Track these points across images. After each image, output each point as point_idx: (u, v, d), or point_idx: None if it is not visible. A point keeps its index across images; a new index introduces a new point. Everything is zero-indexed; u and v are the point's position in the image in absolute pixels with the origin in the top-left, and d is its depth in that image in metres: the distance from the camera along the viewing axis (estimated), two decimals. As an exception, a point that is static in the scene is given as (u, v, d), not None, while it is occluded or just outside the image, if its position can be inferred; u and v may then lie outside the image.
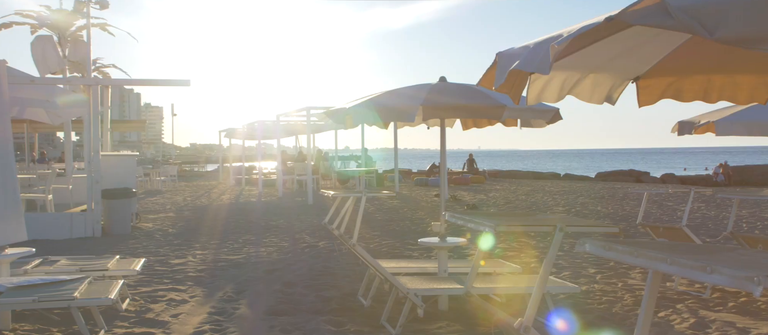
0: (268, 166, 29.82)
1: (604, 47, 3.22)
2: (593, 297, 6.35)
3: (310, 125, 18.25)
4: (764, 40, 1.96)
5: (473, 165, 30.25)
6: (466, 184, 25.49)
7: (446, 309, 5.75)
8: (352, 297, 6.25)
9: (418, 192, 21.46)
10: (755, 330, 5.27)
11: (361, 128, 21.42)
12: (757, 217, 13.45)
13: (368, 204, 15.69)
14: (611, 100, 3.65)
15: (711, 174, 33.84)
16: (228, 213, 14.71)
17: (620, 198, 18.78)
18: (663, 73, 3.59)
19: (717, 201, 16.45)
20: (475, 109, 5.78)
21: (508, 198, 18.99)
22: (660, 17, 2.07)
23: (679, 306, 5.98)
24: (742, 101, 3.65)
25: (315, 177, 21.50)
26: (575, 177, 36.42)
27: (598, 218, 13.63)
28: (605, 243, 1.90)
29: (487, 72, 3.14)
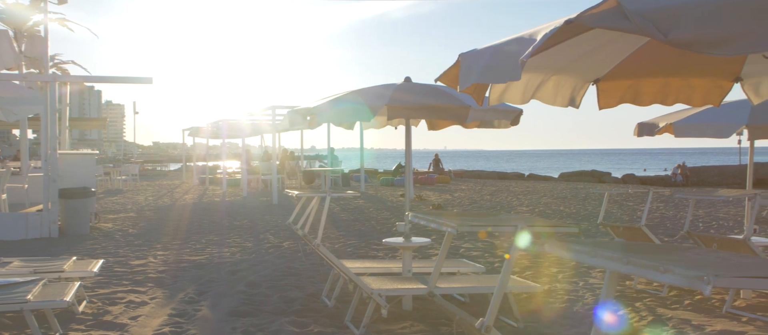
0: (233, 166, 29.50)
1: (565, 50, 3.26)
2: (555, 296, 6.44)
3: (275, 124, 18.11)
4: (715, 44, 2.01)
5: (439, 165, 30.41)
6: (431, 184, 25.61)
7: (410, 309, 5.76)
8: (316, 297, 6.22)
9: (384, 192, 21.48)
10: (709, 326, 5.41)
11: (327, 128, 21.34)
12: (713, 216, 13.82)
13: (333, 204, 15.63)
14: (574, 104, 3.70)
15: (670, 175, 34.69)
16: (191, 213, 14.50)
17: (582, 198, 19.10)
18: (622, 75, 3.66)
19: (675, 201, 16.85)
20: (439, 109, 5.81)
21: (473, 198, 19.14)
22: (617, 20, 2.11)
23: (638, 305, 6.10)
24: (697, 103, 3.74)
25: (280, 176, 21.34)
26: (539, 178, 36.94)
27: (561, 218, 13.83)
28: (564, 244, 1.92)
29: (448, 70, 3.15)
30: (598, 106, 3.77)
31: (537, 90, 3.53)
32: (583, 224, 12.54)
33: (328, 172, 19.21)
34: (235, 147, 31.89)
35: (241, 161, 21.66)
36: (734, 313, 5.73)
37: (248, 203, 16.94)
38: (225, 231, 11.30)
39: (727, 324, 5.46)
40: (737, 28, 2.05)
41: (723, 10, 2.11)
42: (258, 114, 19.25)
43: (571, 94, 3.67)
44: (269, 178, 19.95)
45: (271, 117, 17.99)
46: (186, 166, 31.78)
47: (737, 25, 2.06)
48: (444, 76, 3.22)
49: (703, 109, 6.65)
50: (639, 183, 32.47)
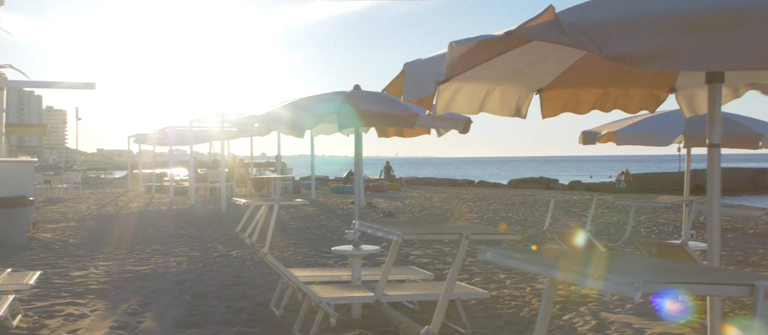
0: (181, 173, 28.91)
1: (509, 60, 3.33)
2: (502, 302, 6.53)
3: (224, 131, 17.85)
4: (647, 58, 2.08)
5: (390, 172, 30.51)
6: (382, 191, 25.66)
7: (360, 318, 5.75)
8: (264, 307, 6.14)
9: (334, 199, 21.41)
10: (650, 329, 5.58)
11: (278, 135, 21.15)
12: (654, 222, 14.28)
13: (283, 212, 15.49)
14: (520, 114, 3.78)
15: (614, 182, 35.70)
16: (136, 222, 14.13)
17: (530, 204, 19.45)
18: (564, 85, 3.76)
19: (618, 207, 17.34)
20: (389, 116, 5.83)
21: (423, 205, 19.27)
22: (554, 33, 2.16)
23: (582, 309, 6.25)
24: (633, 110, 3.90)
25: (229, 184, 21.02)
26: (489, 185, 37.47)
27: (509, 224, 14.05)
28: (505, 252, 1.95)
29: (394, 80, 3.18)
30: (542, 115, 3.86)
31: (484, 100, 3.59)
32: (531, 230, 12.77)
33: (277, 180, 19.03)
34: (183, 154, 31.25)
35: (189, 169, 21.25)
36: (673, 316, 5.93)
37: (196, 211, 16.63)
38: (171, 240, 11.05)
39: (665, 327, 5.64)
40: (669, 44, 2.13)
41: (656, 25, 2.19)
42: (206, 120, 18.94)
43: (516, 104, 3.75)
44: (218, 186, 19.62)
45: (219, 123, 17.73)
46: (132, 173, 30.99)
47: (669, 41, 2.14)
48: (391, 86, 3.24)
49: (644, 119, 6.89)
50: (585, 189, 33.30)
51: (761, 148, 6.86)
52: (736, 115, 6.75)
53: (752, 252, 10.10)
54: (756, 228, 13.14)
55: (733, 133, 6.58)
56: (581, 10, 2.33)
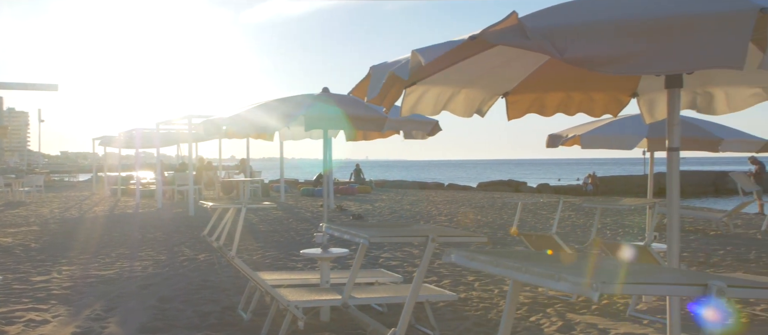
0: (147, 176, 28.46)
1: (475, 63, 3.36)
2: (470, 304, 6.58)
3: (192, 133, 17.64)
4: (607, 63, 2.13)
5: (360, 175, 30.49)
6: (352, 194, 25.63)
7: (328, 321, 5.74)
8: (231, 311, 6.09)
9: (304, 202, 21.32)
10: (614, 330, 5.68)
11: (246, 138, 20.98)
12: (619, 224, 14.53)
13: (252, 215, 15.37)
14: (481, 113, 3.82)
15: (581, 184, 36.23)
16: (101, 226, 13.87)
17: (499, 207, 19.62)
18: (529, 89, 3.82)
19: (585, 209, 17.61)
20: (357, 119, 5.84)
21: (393, 208, 19.30)
22: (518, 38, 2.19)
23: (548, 310, 6.33)
24: (597, 114, 3.97)
25: (197, 187, 20.77)
26: (458, 187, 37.69)
27: (478, 227, 14.16)
28: (469, 254, 1.97)
29: (361, 83, 3.19)
30: (507, 117, 3.91)
31: (448, 102, 3.63)
32: (500, 233, 12.89)
33: (246, 183, 18.87)
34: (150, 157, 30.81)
35: (156, 171, 20.94)
36: (637, 316, 6.04)
37: (163, 215, 16.40)
38: (137, 244, 10.87)
39: (630, 328, 5.75)
40: (628, 49, 2.18)
41: (616, 30, 2.24)
42: (174, 122, 18.70)
43: (479, 106, 3.79)
44: (185, 189, 19.37)
45: (187, 126, 17.52)
46: (97, 176, 30.41)
47: (628, 46, 2.19)
48: (357, 88, 3.25)
49: (608, 122, 7.01)
50: (553, 192, 33.72)
51: (722, 151, 7.03)
52: (697, 119, 6.91)
53: (713, 253, 10.35)
54: (717, 230, 13.46)
55: (695, 136, 6.73)
56: (544, 15, 2.37)
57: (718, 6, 2.16)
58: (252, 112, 6.23)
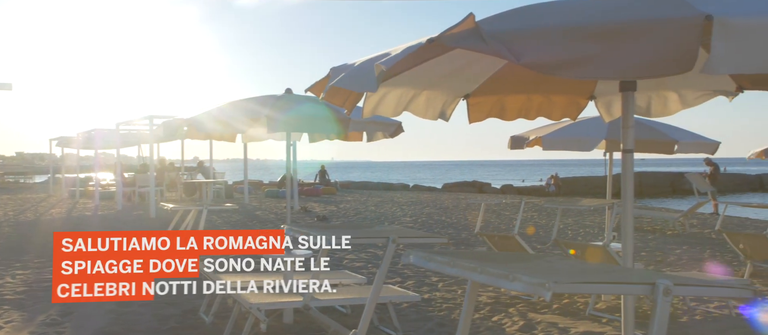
0: (107, 177, 27.87)
1: (436, 65, 3.38)
2: (434, 305, 6.62)
3: (153, 134, 17.34)
4: (560, 67, 2.17)
5: (325, 176, 30.37)
6: (317, 196, 25.52)
7: (291, 323, 5.70)
8: (193, 314, 6.00)
9: (268, 203, 21.15)
10: (574, 328, 5.78)
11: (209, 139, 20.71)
12: (581, 224, 14.78)
13: (215, 216, 15.18)
14: (444, 117, 3.85)
15: (544, 185, 36.75)
16: (58, 229, 13.53)
17: (463, 208, 19.77)
18: (489, 91, 3.86)
19: (547, 210, 17.86)
20: (319, 121, 5.82)
21: (358, 209, 19.29)
22: (474, 41, 2.22)
23: (510, 310, 6.40)
24: (556, 117, 4.04)
25: (159, 188, 20.43)
26: (423, 188, 37.86)
27: (442, 228, 14.25)
28: (427, 255, 1.98)
29: (319, 82, 3.18)
30: (468, 120, 3.95)
31: (409, 103, 3.64)
32: (464, 233, 12.99)
33: (209, 184, 18.63)
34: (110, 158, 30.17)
35: (115, 173, 20.53)
36: (596, 315, 6.16)
37: (123, 217, 16.08)
38: (96, 247, 10.62)
39: (589, 326, 5.86)
40: (582, 54, 2.23)
41: (569, 36, 2.28)
42: (135, 122, 18.36)
43: (441, 109, 3.82)
44: (146, 190, 19.04)
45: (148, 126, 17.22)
46: (54, 177, 29.64)
47: (582, 51, 2.24)
48: (315, 86, 3.25)
49: (569, 125, 7.14)
50: (517, 193, 34.09)
51: (677, 152, 7.23)
52: (653, 121, 7.08)
53: (670, 252, 10.61)
54: (674, 230, 13.81)
55: (651, 138, 6.90)
56: (501, 19, 2.40)
57: (666, 12, 2.22)
58: (213, 113, 6.17)
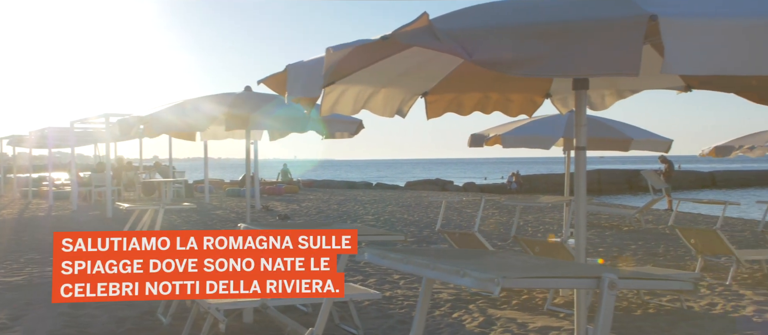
0: (62, 177, 27.15)
1: (394, 63, 3.39)
2: (395, 302, 6.64)
3: (109, 132, 16.96)
4: (511, 64, 2.20)
5: (287, 175, 30.18)
6: (279, 194, 25.33)
7: (251, 322, 5.65)
8: (150, 315, 5.90)
9: (229, 202, 20.92)
10: (532, 323, 5.87)
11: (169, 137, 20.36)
12: (540, 221, 15.02)
13: (175, 216, 14.94)
14: (402, 114, 3.88)
15: (506, 183, 37.19)
16: (9, 230, 13.13)
17: (425, 206, 19.87)
18: (447, 89, 3.90)
19: (508, 207, 18.08)
20: (278, 119, 5.78)
21: (320, 208, 19.22)
22: (428, 39, 2.24)
23: (471, 306, 6.46)
24: (513, 114, 4.11)
25: (117, 188, 20.01)
26: (386, 187, 37.92)
27: (405, 225, 14.30)
28: (381, 251, 1.99)
29: (274, 76, 3.16)
30: (426, 116, 3.99)
31: (367, 101, 3.65)
32: (425, 231, 13.06)
33: (168, 183, 18.32)
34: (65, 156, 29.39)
35: (70, 172, 20.02)
36: (553, 310, 6.27)
37: (78, 217, 15.70)
38: (49, 248, 10.32)
39: (547, 321, 5.95)
40: (532, 52, 2.26)
41: (521, 34, 2.32)
42: (91, 120, 17.94)
43: (399, 106, 3.84)
44: (103, 190, 18.63)
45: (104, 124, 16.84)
46: (5, 177, 28.74)
47: (533, 49, 2.28)
48: (270, 80, 3.22)
49: (528, 123, 7.24)
50: (479, 190, 34.44)
51: (632, 150, 7.40)
52: (609, 119, 7.25)
53: (626, 247, 10.87)
54: (630, 226, 14.14)
55: (607, 136, 7.05)
56: (454, 18, 2.43)
57: (611, 13, 2.27)
58: (170, 110, 6.07)
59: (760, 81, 3.04)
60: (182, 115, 5.99)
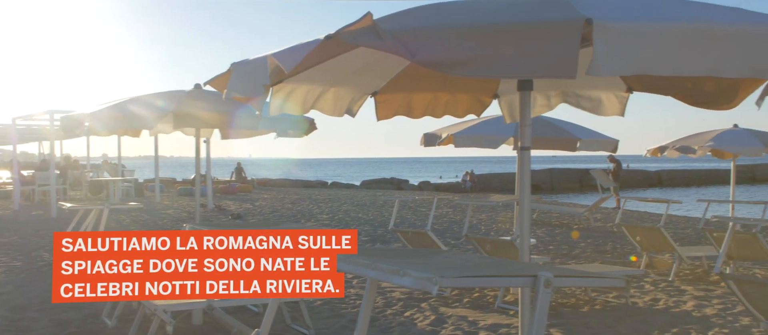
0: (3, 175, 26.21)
1: (343, 62, 3.39)
2: (347, 302, 6.63)
3: (54, 129, 16.45)
4: (453, 65, 2.23)
5: (241, 173, 29.82)
6: (233, 193, 25.01)
7: (201, 324, 5.56)
8: (94, 318, 5.75)
9: (181, 202, 20.55)
10: (483, 321, 5.94)
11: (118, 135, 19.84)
12: (493, 220, 15.22)
13: (123, 216, 14.59)
14: (351, 113, 3.87)
15: (460, 182, 37.59)
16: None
17: (380, 205, 19.91)
18: (397, 89, 3.91)
19: (462, 206, 18.27)
20: (229, 117, 5.70)
21: (274, 207, 19.06)
22: (372, 39, 2.24)
23: (423, 305, 6.50)
24: (461, 115, 4.15)
25: (63, 187, 19.42)
26: (342, 186, 37.84)
27: (359, 224, 14.30)
28: (325, 252, 1.98)
29: (220, 77, 3.12)
30: (377, 117, 3.99)
31: (317, 101, 3.63)
32: (380, 230, 13.08)
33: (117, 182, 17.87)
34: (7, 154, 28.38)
35: (12, 170, 19.32)
36: (504, 308, 6.36)
37: (20, 217, 15.16)
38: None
39: (497, 318, 6.04)
40: (474, 53, 2.29)
41: (464, 35, 2.35)
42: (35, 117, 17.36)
43: (348, 106, 3.83)
44: (47, 189, 18.04)
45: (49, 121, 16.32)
46: (-56, 176, 27.55)
47: (474, 51, 2.30)
48: (215, 81, 3.18)
49: (479, 122, 7.34)
50: (434, 189, 34.69)
51: (579, 150, 7.57)
52: (557, 119, 7.40)
53: (575, 245, 11.10)
54: (579, 224, 14.46)
55: (553, 136, 7.20)
56: (398, 18, 2.44)
57: (550, 15, 2.32)
58: (117, 107, 5.93)
59: (695, 84, 3.15)
60: (129, 112, 5.85)
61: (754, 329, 5.55)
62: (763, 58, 2.41)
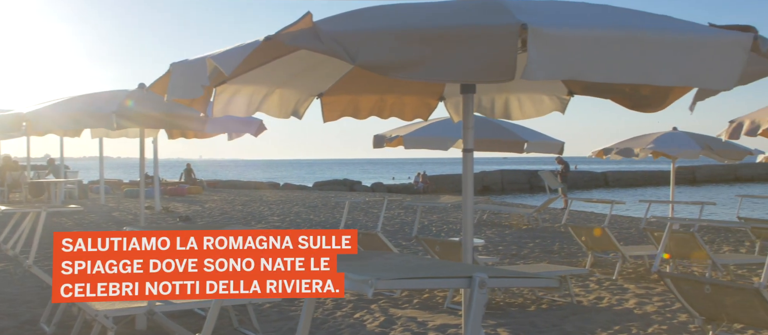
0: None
1: (288, 63, 3.36)
2: (296, 304, 6.57)
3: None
4: (393, 68, 2.24)
5: (191, 175, 29.27)
6: (182, 195, 24.54)
7: (145, 329, 5.43)
8: (32, 324, 5.55)
9: (127, 203, 20.04)
10: (432, 322, 5.99)
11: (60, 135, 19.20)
12: (445, 221, 15.35)
13: (66, 219, 14.14)
14: (298, 115, 3.84)
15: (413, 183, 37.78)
16: None
17: (332, 206, 19.85)
18: (343, 91, 3.90)
19: (413, 207, 18.37)
20: (175, 119, 5.59)
21: (224, 209, 18.78)
22: (311, 41, 2.23)
23: (373, 306, 6.51)
24: (408, 118, 4.17)
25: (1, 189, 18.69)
26: (293, 187, 37.54)
27: (310, 226, 14.23)
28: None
29: (161, 79, 3.05)
30: (323, 119, 3.97)
31: (262, 102, 3.59)
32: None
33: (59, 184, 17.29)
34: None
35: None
36: (453, 308, 6.43)
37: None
38: None
39: (446, 319, 6.09)
40: (413, 57, 2.31)
41: (404, 38, 2.36)
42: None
43: (294, 107, 3.81)
44: (-15, 191, 17.33)
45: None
46: None
47: (413, 54, 2.32)
48: (157, 84, 3.11)
49: (428, 124, 7.39)
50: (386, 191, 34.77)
51: (526, 151, 7.71)
52: (505, 121, 7.50)
53: (524, 245, 11.30)
54: (528, 225, 14.73)
55: (502, 138, 7.31)
56: (338, 20, 2.44)
57: (488, 20, 2.36)
58: (57, 106, 5.74)
59: (633, 89, 3.26)
60: (70, 112, 5.68)
61: (691, 325, 5.75)
62: (691, 66, 2.50)
